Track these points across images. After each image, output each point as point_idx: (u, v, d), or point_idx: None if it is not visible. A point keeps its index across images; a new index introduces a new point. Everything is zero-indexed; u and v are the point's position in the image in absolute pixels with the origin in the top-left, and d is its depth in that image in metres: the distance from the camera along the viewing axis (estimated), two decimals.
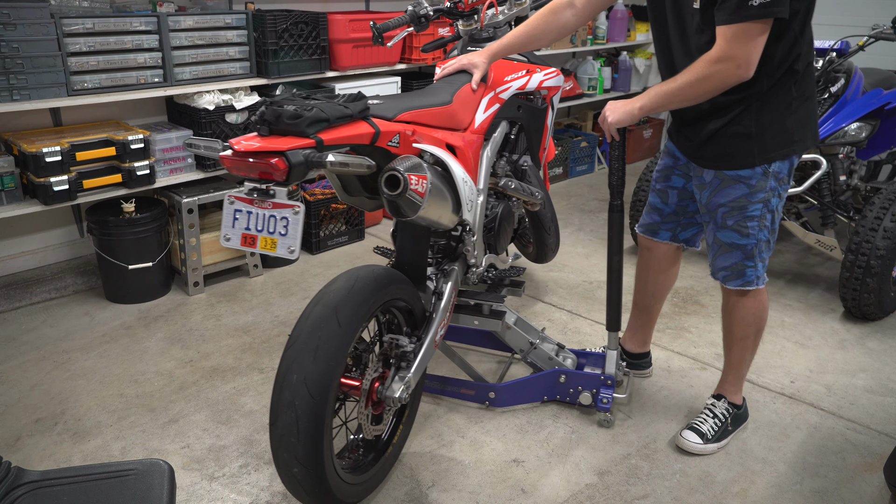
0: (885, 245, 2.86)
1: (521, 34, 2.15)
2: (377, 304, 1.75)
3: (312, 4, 3.81)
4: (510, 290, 2.49)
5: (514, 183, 2.30)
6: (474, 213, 2.07)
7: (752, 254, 2.01)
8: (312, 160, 1.47)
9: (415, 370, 1.89)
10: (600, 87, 5.31)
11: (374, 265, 1.84)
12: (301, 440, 1.60)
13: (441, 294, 2.09)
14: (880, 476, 2.11)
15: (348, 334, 1.65)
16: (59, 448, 2.18)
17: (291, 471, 1.64)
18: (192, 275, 3.19)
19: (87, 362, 2.65)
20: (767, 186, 1.92)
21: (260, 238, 1.56)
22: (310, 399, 1.59)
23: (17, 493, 1.26)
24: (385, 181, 1.68)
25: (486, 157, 2.23)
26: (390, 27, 2.41)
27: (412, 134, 1.83)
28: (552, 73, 2.53)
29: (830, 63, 3.24)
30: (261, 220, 1.55)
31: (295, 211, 1.53)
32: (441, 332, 2.04)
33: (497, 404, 2.39)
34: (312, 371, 1.60)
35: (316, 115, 1.52)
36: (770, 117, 1.85)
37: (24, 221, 3.15)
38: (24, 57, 2.65)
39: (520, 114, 2.42)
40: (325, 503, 1.74)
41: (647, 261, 2.40)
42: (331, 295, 1.69)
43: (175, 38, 3.05)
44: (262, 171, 1.46)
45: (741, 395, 2.30)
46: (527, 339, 2.43)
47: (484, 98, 2.22)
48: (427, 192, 1.73)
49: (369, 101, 1.77)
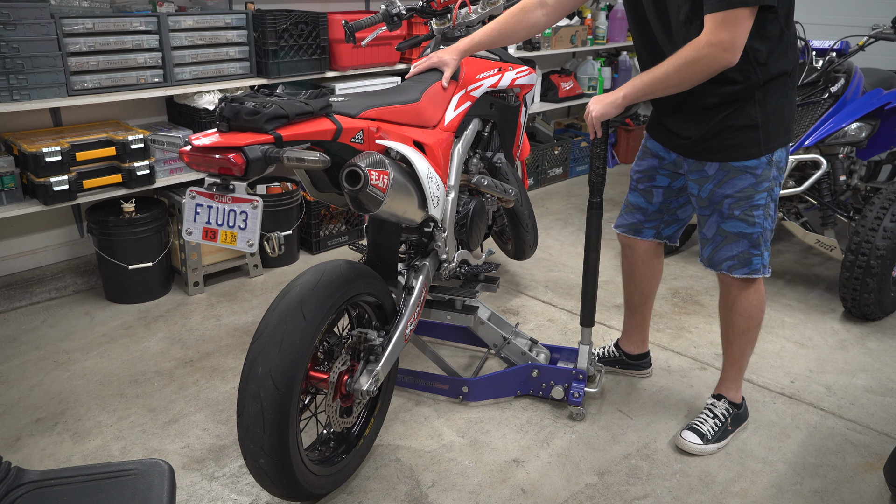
0: (885, 245, 2.86)
1: (492, 31, 2.18)
2: (343, 298, 1.79)
3: (312, 4, 3.81)
4: (485, 286, 2.51)
5: (486, 180, 2.32)
6: (442, 208, 2.08)
7: (759, 242, 2.03)
8: (270, 156, 1.51)
9: (383, 364, 1.93)
10: (600, 87, 5.31)
11: (342, 260, 1.87)
12: (266, 431, 1.63)
13: (411, 289, 2.12)
14: (880, 476, 2.11)
15: (313, 327, 1.69)
16: (59, 448, 2.18)
17: (258, 461, 1.68)
18: (192, 275, 3.19)
19: (87, 362, 2.65)
20: (771, 175, 1.97)
21: (220, 232, 1.60)
22: (275, 391, 1.62)
23: (17, 493, 1.26)
24: (346, 176, 1.70)
25: (457, 153, 2.25)
26: (363, 26, 2.42)
27: (377, 131, 1.85)
28: (524, 71, 2.54)
29: (830, 63, 3.24)
30: (221, 215, 1.59)
31: (254, 205, 1.57)
32: (411, 326, 2.07)
33: (470, 399, 2.40)
34: (277, 363, 1.63)
35: (274, 112, 1.55)
36: (772, 107, 1.90)
37: (24, 221, 3.15)
38: (24, 57, 2.66)
39: (492, 111, 2.43)
40: (292, 494, 1.78)
41: (630, 259, 2.42)
42: (297, 289, 1.73)
43: (175, 38, 3.05)
44: (220, 166, 1.50)
45: (740, 393, 2.30)
46: (500, 334, 2.46)
47: (455, 96, 2.24)
48: (388, 188, 1.75)
49: (334, 99, 1.80)
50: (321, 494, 1.92)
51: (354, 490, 2.01)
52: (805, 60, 3.32)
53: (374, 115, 1.87)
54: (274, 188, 3.48)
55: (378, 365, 1.92)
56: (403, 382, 2.47)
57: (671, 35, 1.89)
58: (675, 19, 1.86)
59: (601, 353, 2.63)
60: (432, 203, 1.98)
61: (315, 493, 1.86)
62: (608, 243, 3.85)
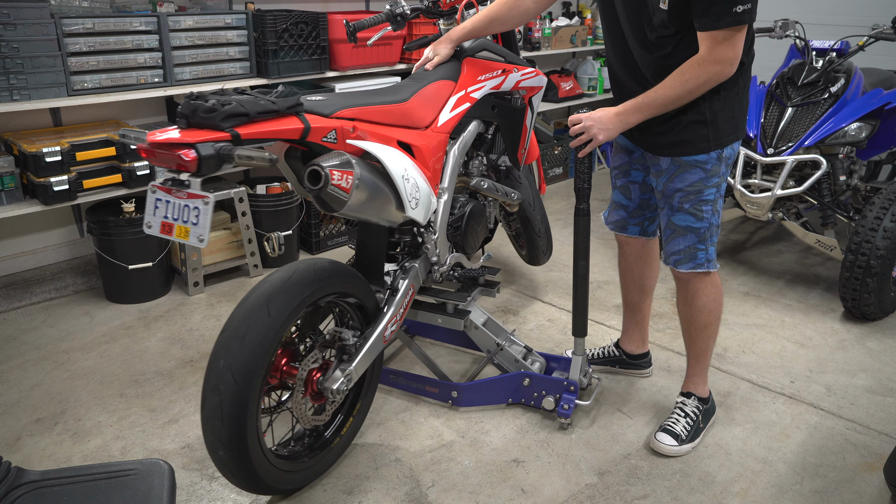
0: (885, 245, 2.86)
1: (482, 18, 2.24)
2: (314, 296, 1.80)
3: (312, 4, 3.81)
4: (484, 291, 2.49)
5: (486, 183, 2.30)
6: (424, 210, 2.06)
7: (705, 237, 2.08)
8: (223, 153, 1.53)
9: (357, 364, 1.94)
10: (600, 87, 5.31)
11: (321, 258, 1.89)
12: (225, 424, 1.66)
13: (396, 290, 2.12)
14: (880, 476, 2.11)
15: (278, 324, 1.71)
16: (59, 448, 2.18)
17: (217, 453, 1.71)
18: (192, 275, 3.19)
19: (87, 362, 2.65)
20: (720, 171, 2.01)
21: (175, 226, 1.63)
22: (234, 384, 1.65)
23: (18, 493, 1.26)
24: (307, 176, 1.71)
25: (453, 155, 2.24)
26: (365, 26, 2.41)
27: (353, 131, 1.85)
28: (531, 73, 2.51)
29: (830, 63, 3.24)
30: (176, 210, 1.62)
31: (205, 201, 1.59)
32: (392, 328, 2.07)
33: (460, 404, 2.38)
34: (238, 357, 1.66)
35: (233, 110, 1.56)
36: (721, 104, 1.94)
37: (24, 221, 3.15)
38: (24, 57, 2.66)
39: (495, 114, 2.41)
40: (252, 486, 1.80)
41: (625, 257, 2.44)
42: (266, 286, 1.76)
43: (175, 38, 3.05)
44: (174, 162, 1.53)
45: (707, 386, 2.31)
46: (494, 340, 2.43)
47: (453, 97, 2.23)
48: (353, 188, 1.75)
49: (313, 98, 1.82)
50: (288, 490, 1.93)
51: (354, 490, 2.01)
52: (805, 60, 3.32)
53: (352, 115, 1.87)
54: (274, 188, 3.48)
55: (351, 365, 1.93)
56: (395, 384, 2.46)
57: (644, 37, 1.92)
58: (648, 23, 1.89)
59: (601, 354, 2.63)
60: (410, 205, 1.96)
61: (278, 487, 1.87)
62: (608, 242, 3.85)
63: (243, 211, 3.28)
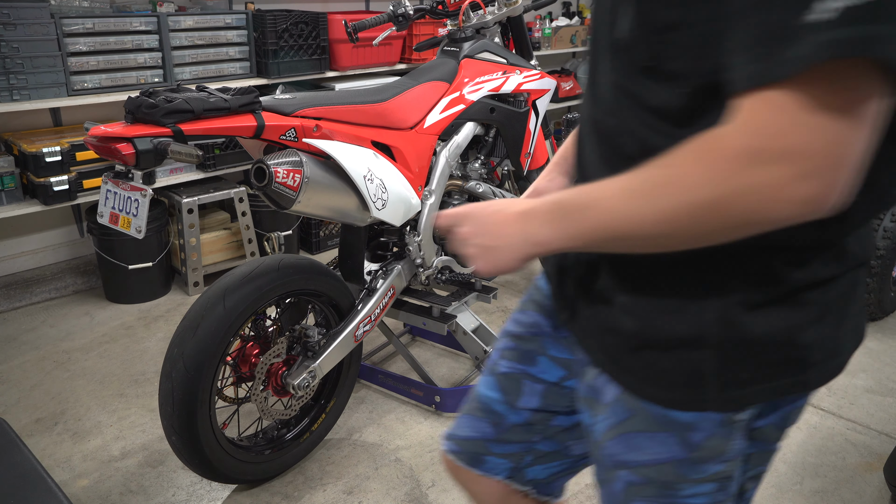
0: (885, 245, 2.86)
1: None
2: (274, 292, 1.83)
3: (312, 4, 3.81)
4: (480, 296, 2.47)
5: (482, 187, 2.28)
6: (401, 211, 2.03)
7: None
8: (160, 148, 1.58)
9: (322, 361, 1.95)
10: None
11: (290, 255, 1.93)
12: (176, 410, 1.72)
13: (373, 290, 2.12)
14: (880, 476, 2.11)
15: (232, 317, 1.75)
16: (59, 448, 2.18)
17: (171, 438, 1.77)
18: (192, 275, 3.19)
19: (87, 362, 2.65)
20: (729, 449, 0.83)
21: (121, 217, 1.72)
22: (185, 372, 1.71)
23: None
24: (253, 173, 1.72)
25: (443, 157, 2.21)
26: (366, 26, 2.39)
27: (316, 130, 1.84)
28: (534, 75, 2.44)
29: None
30: (122, 201, 1.72)
31: (143, 194, 1.68)
32: (366, 328, 2.08)
33: (443, 409, 2.36)
34: (190, 347, 1.71)
35: (176, 107, 1.59)
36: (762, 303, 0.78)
37: (24, 221, 3.15)
38: (24, 57, 2.66)
39: (493, 116, 2.35)
40: (207, 473, 1.85)
41: None
42: (227, 278, 1.80)
43: (175, 37, 3.05)
44: (116, 155, 1.58)
45: None
46: (481, 346, 2.37)
47: (445, 98, 2.19)
48: (301, 186, 1.75)
49: (279, 97, 1.83)
50: (247, 480, 1.97)
51: (354, 490, 2.01)
52: None
53: (316, 114, 1.85)
54: None
55: (315, 362, 1.94)
56: (384, 384, 2.46)
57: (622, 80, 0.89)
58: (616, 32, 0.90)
59: None
60: (375, 205, 1.92)
61: (237, 477, 1.91)
62: None
63: (243, 211, 3.28)
